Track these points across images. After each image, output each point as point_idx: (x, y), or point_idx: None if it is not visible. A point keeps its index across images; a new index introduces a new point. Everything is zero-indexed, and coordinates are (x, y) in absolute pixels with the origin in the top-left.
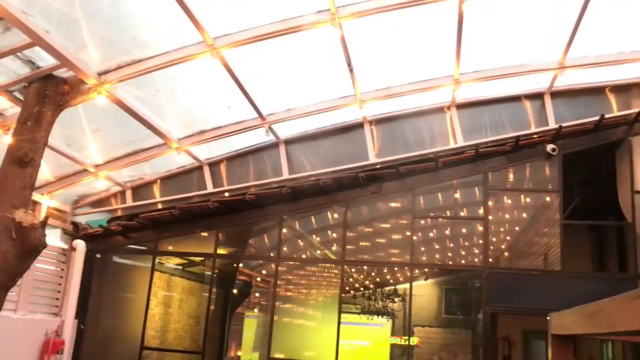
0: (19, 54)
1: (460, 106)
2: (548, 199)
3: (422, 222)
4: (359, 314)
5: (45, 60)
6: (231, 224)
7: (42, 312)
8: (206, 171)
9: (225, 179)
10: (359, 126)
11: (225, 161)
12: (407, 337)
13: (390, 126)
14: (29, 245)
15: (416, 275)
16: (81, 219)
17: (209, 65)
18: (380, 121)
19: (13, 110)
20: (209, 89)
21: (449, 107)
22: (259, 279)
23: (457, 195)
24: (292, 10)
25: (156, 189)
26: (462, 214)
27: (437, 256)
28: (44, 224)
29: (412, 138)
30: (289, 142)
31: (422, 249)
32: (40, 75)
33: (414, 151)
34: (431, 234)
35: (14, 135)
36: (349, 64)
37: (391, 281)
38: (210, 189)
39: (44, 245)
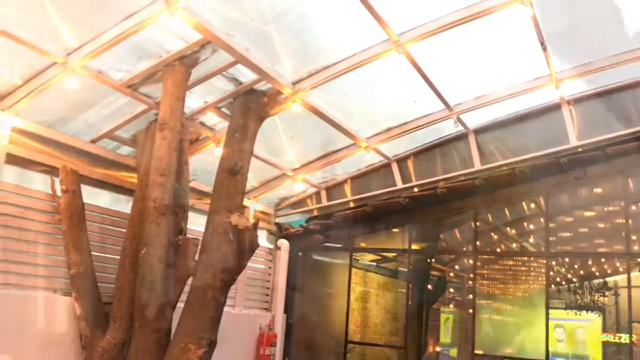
0: (224, 73)
1: None
2: None
3: (633, 207)
4: (564, 309)
5: (246, 76)
6: (422, 219)
7: (255, 307)
8: (394, 167)
9: (413, 174)
10: (555, 108)
11: (412, 156)
12: (621, 335)
13: (590, 105)
14: (244, 246)
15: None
16: (283, 220)
17: (394, 62)
18: (578, 100)
19: (221, 125)
20: (394, 85)
21: None
22: (452, 274)
23: None
24: None
25: (347, 188)
26: None
27: None
28: (256, 225)
29: (617, 116)
30: (478, 131)
31: (634, 237)
32: (243, 90)
33: (620, 130)
34: None
35: (224, 147)
36: (542, 43)
37: (597, 273)
38: (399, 185)
39: (257, 245)
